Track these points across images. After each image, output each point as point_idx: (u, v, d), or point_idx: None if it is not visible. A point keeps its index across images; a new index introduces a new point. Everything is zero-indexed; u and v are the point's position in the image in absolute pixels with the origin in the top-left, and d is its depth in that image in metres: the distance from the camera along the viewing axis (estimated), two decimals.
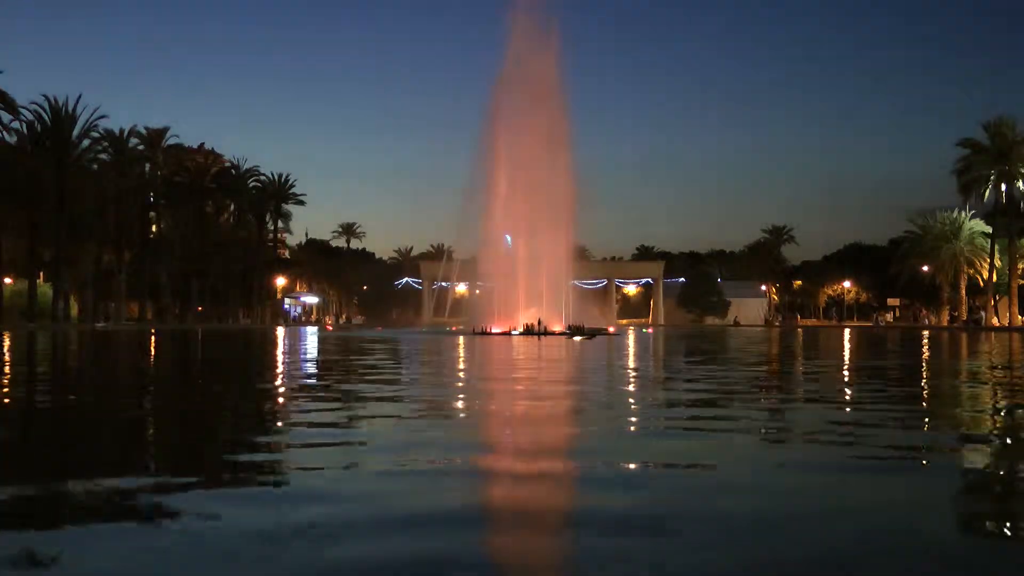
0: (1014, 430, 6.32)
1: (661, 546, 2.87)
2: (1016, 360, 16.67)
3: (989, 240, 67.69)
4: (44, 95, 61.36)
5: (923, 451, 5.18)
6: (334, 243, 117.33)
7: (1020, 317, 61.99)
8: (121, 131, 67.69)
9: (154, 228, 75.97)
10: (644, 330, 52.64)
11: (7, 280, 60.73)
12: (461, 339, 28.85)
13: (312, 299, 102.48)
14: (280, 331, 47.09)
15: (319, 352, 19.27)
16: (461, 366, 13.39)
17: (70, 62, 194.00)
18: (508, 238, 48.80)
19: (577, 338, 30.46)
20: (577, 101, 47.31)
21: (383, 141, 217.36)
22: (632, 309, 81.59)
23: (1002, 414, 7.27)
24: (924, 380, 11.82)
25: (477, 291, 56.15)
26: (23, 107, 58.50)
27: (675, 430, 6.16)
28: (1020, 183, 62.83)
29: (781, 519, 3.28)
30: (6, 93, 55.38)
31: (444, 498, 3.62)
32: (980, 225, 71.12)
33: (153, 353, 18.60)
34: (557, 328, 35.54)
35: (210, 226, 77.32)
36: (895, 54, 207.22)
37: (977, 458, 5.06)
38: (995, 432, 6.22)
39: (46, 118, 61.09)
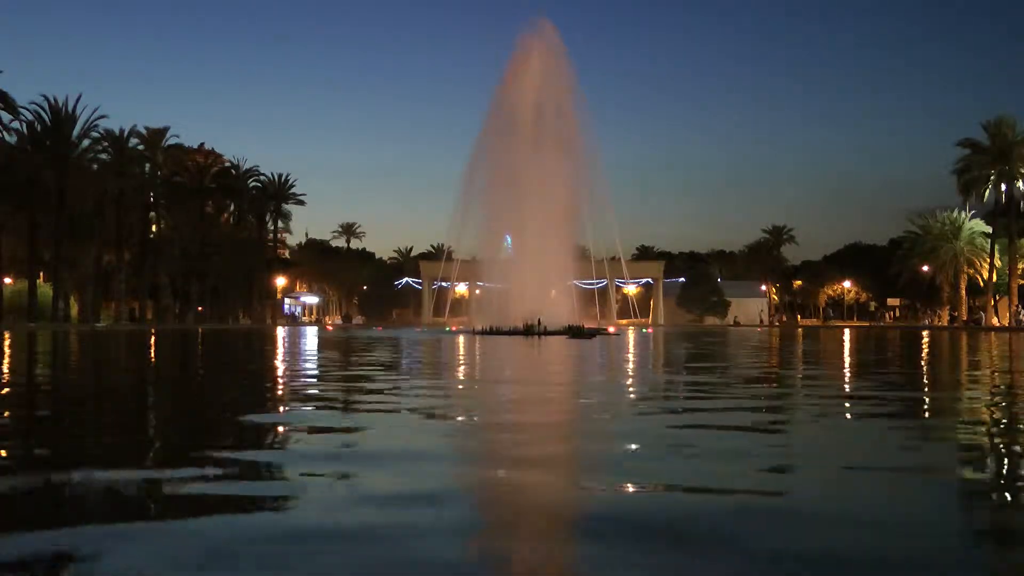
0: None
1: None
2: None
3: (989, 240, 67.73)
4: (44, 95, 61.59)
5: None
6: (334, 243, 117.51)
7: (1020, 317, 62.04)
8: (121, 131, 67.79)
9: (154, 228, 76.02)
10: (644, 330, 52.62)
11: (7, 280, 60.78)
12: (461, 339, 28.79)
13: (312, 299, 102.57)
14: (280, 331, 47.08)
15: (326, 357, 19.24)
16: (461, 375, 13.36)
17: (70, 62, 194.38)
18: (508, 238, 48.82)
19: (576, 339, 30.44)
20: (579, 102, 47.06)
21: (383, 141, 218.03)
22: (632, 309, 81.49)
23: None
24: None
25: (477, 291, 56.15)
26: (23, 107, 58.67)
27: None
28: (1020, 183, 62.89)
29: None
30: (6, 93, 55.48)
31: None
32: (980, 225, 71.19)
33: (152, 357, 18.58)
34: (557, 328, 35.47)
35: (210, 226, 77.32)
36: (895, 54, 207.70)
37: None
38: None
39: (46, 118, 61.15)
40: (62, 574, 2.58)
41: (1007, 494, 3.92)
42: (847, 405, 7.88)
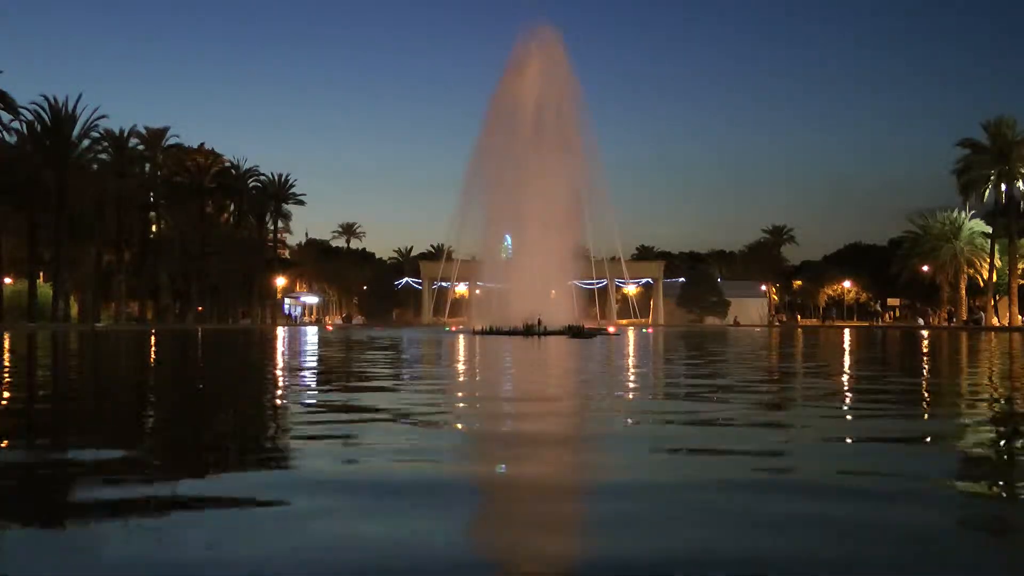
0: None
1: None
2: None
3: (989, 240, 67.73)
4: (44, 95, 61.51)
5: None
6: (334, 243, 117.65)
7: (1020, 317, 62.00)
8: (121, 131, 67.79)
9: (154, 228, 76.03)
10: (644, 330, 52.63)
11: (7, 280, 60.77)
12: (465, 341, 28.70)
13: (312, 299, 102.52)
14: (280, 331, 47.10)
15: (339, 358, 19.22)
16: (461, 379, 13.35)
17: (70, 62, 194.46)
18: (508, 238, 48.87)
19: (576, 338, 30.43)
20: (579, 102, 47.09)
21: (383, 141, 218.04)
22: (632, 309, 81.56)
23: None
24: None
25: (477, 291, 56.19)
26: (23, 107, 58.63)
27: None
28: (1020, 183, 62.92)
29: None
30: (6, 93, 55.45)
31: None
32: (980, 225, 71.20)
33: (118, 370, 18.55)
34: (557, 328, 35.48)
35: (210, 226, 77.34)
36: (895, 54, 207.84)
37: None
38: None
39: (46, 118, 61.11)
40: None
41: None
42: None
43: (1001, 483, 4.10)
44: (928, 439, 5.65)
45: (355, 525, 3.06)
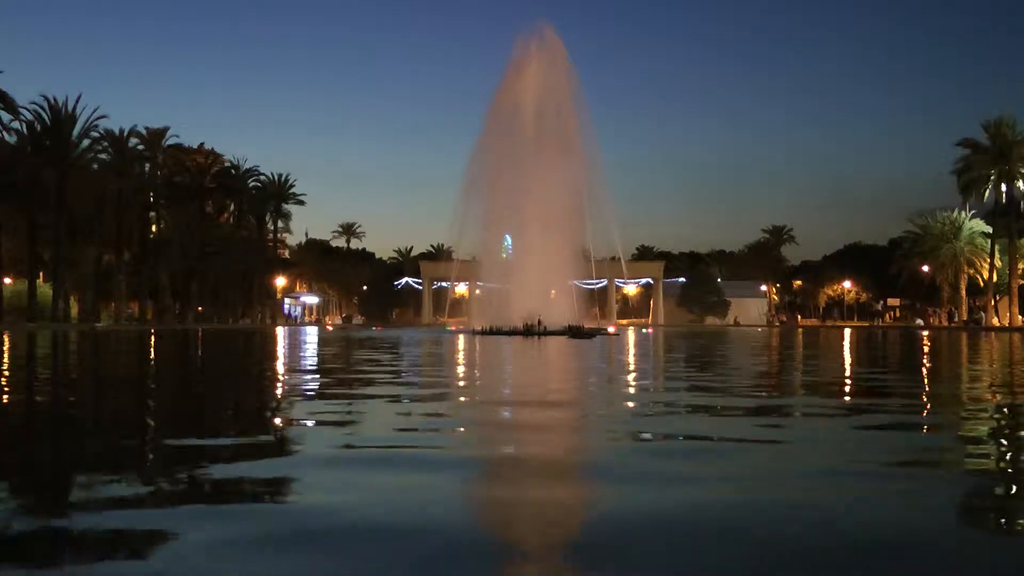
0: None
1: None
2: None
3: (989, 240, 67.74)
4: (44, 95, 61.57)
5: None
6: (334, 243, 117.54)
7: (1020, 317, 62.00)
8: (121, 131, 67.84)
9: (154, 228, 76.04)
10: (644, 330, 52.61)
11: (7, 280, 60.76)
12: (472, 343, 28.54)
13: (312, 299, 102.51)
14: (280, 331, 47.09)
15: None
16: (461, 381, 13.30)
17: (70, 62, 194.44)
18: (508, 238, 48.85)
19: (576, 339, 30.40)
20: (579, 102, 47.04)
21: (383, 141, 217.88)
22: (632, 309, 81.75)
23: None
24: None
25: (477, 291, 56.17)
26: (23, 107, 58.69)
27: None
28: (1020, 183, 62.95)
29: None
30: (6, 93, 55.48)
31: None
32: (980, 225, 71.20)
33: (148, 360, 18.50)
34: (557, 328, 35.47)
35: (210, 226, 77.36)
36: (894, 54, 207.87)
37: None
38: None
39: (46, 118, 61.14)
40: None
41: None
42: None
43: None
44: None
45: None
